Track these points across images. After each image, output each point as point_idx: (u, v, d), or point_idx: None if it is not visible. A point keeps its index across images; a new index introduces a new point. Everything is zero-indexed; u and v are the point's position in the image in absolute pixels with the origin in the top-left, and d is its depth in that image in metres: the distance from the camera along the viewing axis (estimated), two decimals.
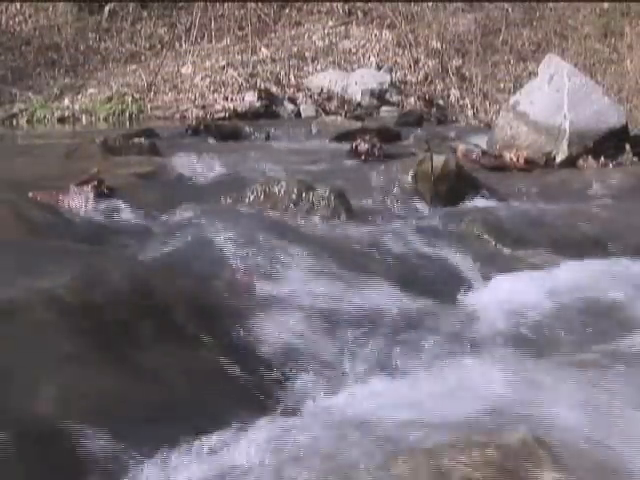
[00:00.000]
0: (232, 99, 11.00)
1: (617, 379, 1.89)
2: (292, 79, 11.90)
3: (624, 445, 1.57)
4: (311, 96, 11.15)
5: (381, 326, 2.41)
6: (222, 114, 10.14)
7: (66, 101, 11.34)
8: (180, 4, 13.91)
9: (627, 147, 5.69)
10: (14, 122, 10.87)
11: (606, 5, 12.71)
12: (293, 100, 10.99)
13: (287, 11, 14.11)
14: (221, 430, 1.66)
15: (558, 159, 5.57)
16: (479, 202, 4.04)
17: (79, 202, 3.52)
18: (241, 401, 1.93)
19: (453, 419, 1.57)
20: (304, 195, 3.55)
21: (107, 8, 13.63)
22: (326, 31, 13.54)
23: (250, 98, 10.77)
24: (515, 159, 5.48)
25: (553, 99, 5.72)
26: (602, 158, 5.53)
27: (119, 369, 1.93)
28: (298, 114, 10.58)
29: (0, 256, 2.50)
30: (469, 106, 11.30)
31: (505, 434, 1.38)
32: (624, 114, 6.15)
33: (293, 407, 1.91)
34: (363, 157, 5.42)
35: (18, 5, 13.63)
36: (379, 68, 12.12)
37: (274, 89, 11.36)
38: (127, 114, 10.94)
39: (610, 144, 5.62)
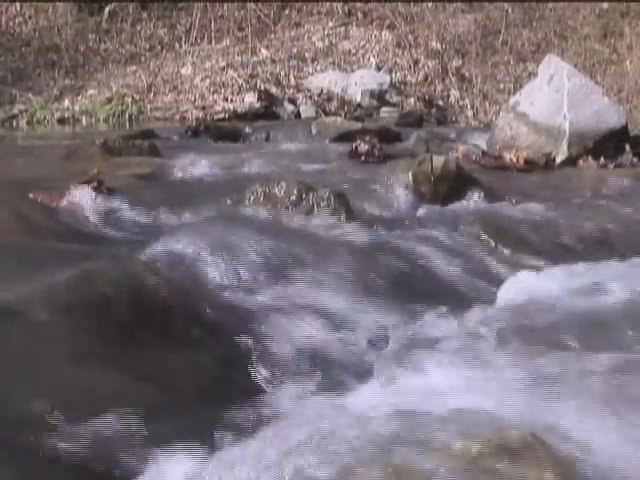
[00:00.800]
0: (232, 100, 11.01)
1: (619, 379, 1.89)
2: (292, 80, 11.91)
3: (625, 446, 1.57)
4: (311, 97, 11.16)
5: (381, 327, 2.41)
6: (222, 115, 10.15)
7: (66, 102, 11.36)
8: (180, 5, 13.92)
9: (627, 147, 5.70)
10: (14, 123, 10.88)
11: (606, 5, 12.72)
12: (293, 101, 11.00)
13: (287, 12, 14.12)
14: (222, 430, 1.66)
15: (558, 159, 5.58)
16: (479, 203, 4.03)
17: (79, 203, 3.52)
18: (242, 401, 1.93)
19: (453, 418, 1.57)
20: (304, 196, 3.55)
21: (107, 9, 13.64)
22: (326, 32, 13.55)
23: (250, 99, 10.79)
24: (515, 160, 5.48)
25: (553, 100, 5.72)
26: (602, 158, 5.53)
27: (119, 369, 1.93)
28: (298, 115, 10.59)
29: (0, 257, 2.50)
30: (469, 107, 11.31)
31: (505, 433, 1.38)
32: (624, 114, 6.16)
33: (294, 408, 1.91)
34: (363, 158, 5.42)
35: (18, 6, 13.64)
36: (379, 69, 12.13)
37: (274, 90, 11.37)
38: (127, 115, 10.95)
39: (610, 144, 5.63)
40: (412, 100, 11.34)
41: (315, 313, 2.43)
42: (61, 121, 10.80)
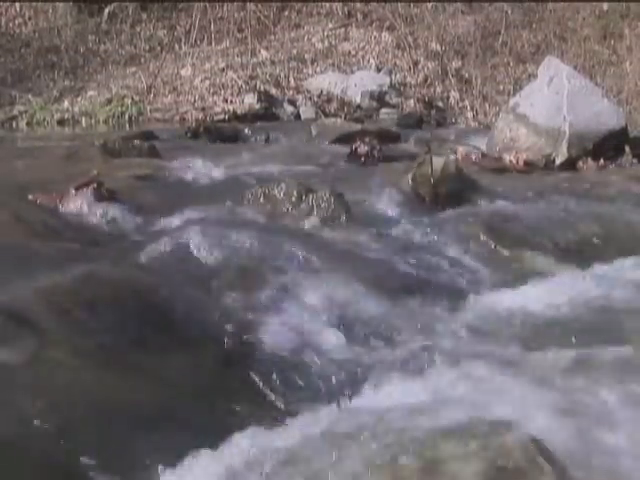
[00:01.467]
0: (232, 101, 11.00)
1: (617, 381, 1.89)
2: (292, 81, 11.91)
3: (625, 447, 1.57)
4: (311, 98, 11.16)
5: (380, 328, 2.41)
6: (222, 116, 10.15)
7: (66, 103, 11.35)
8: (180, 6, 13.92)
9: (626, 149, 5.70)
10: (14, 124, 10.87)
11: (605, 7, 12.71)
12: (293, 102, 10.99)
13: (286, 13, 14.11)
14: (222, 432, 1.66)
15: (558, 161, 5.58)
16: (479, 204, 4.03)
17: (79, 204, 3.52)
18: (243, 402, 1.93)
19: (453, 422, 1.58)
20: (304, 197, 3.55)
21: (107, 10, 13.63)
22: (325, 33, 13.54)
23: (250, 100, 10.78)
24: (515, 161, 5.48)
25: (553, 101, 5.72)
26: (601, 160, 5.54)
27: (119, 369, 1.93)
28: (298, 116, 10.59)
29: (1, 258, 2.50)
30: (469, 108, 11.30)
31: (503, 437, 1.38)
32: (623, 116, 6.16)
33: (294, 409, 1.91)
34: (363, 159, 5.43)
35: (18, 7, 13.64)
36: (379, 70, 12.13)
37: (274, 91, 11.37)
38: (127, 116, 10.93)
39: (609, 146, 5.64)
40: (412, 101, 11.33)
41: (314, 313, 2.43)
42: (61, 122, 10.79)
